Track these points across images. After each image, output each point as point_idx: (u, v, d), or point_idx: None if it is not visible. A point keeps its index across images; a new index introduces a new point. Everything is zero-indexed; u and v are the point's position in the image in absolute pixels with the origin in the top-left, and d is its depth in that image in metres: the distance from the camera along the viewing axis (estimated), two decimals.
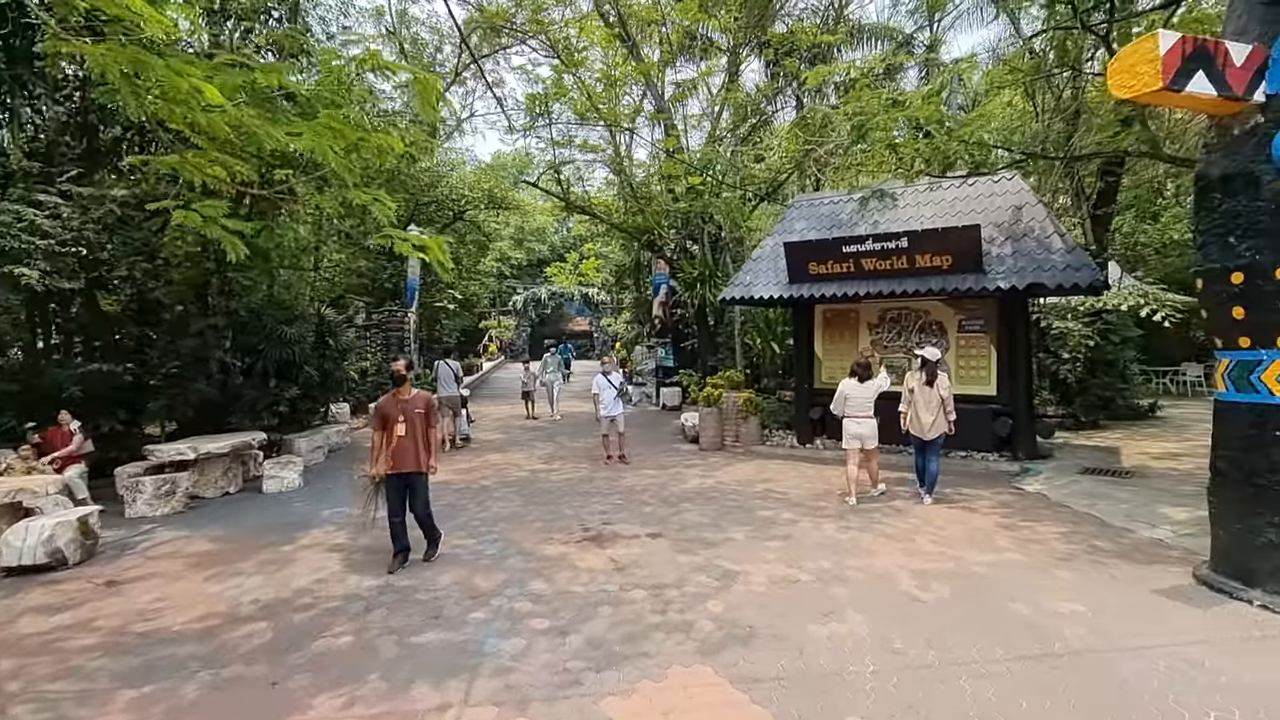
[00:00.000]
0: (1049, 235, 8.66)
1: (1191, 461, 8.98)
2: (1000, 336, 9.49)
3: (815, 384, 11.16)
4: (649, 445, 12.17)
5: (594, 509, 7.57)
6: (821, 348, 11.15)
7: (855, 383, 7.88)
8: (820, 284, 10.09)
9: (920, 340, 10.17)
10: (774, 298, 10.48)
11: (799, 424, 11.26)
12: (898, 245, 9.19)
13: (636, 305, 21.31)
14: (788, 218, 11.64)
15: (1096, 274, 8.02)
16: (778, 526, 6.67)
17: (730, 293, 11.12)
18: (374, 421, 5.52)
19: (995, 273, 8.72)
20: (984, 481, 8.55)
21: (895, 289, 9.34)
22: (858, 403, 7.81)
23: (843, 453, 8.19)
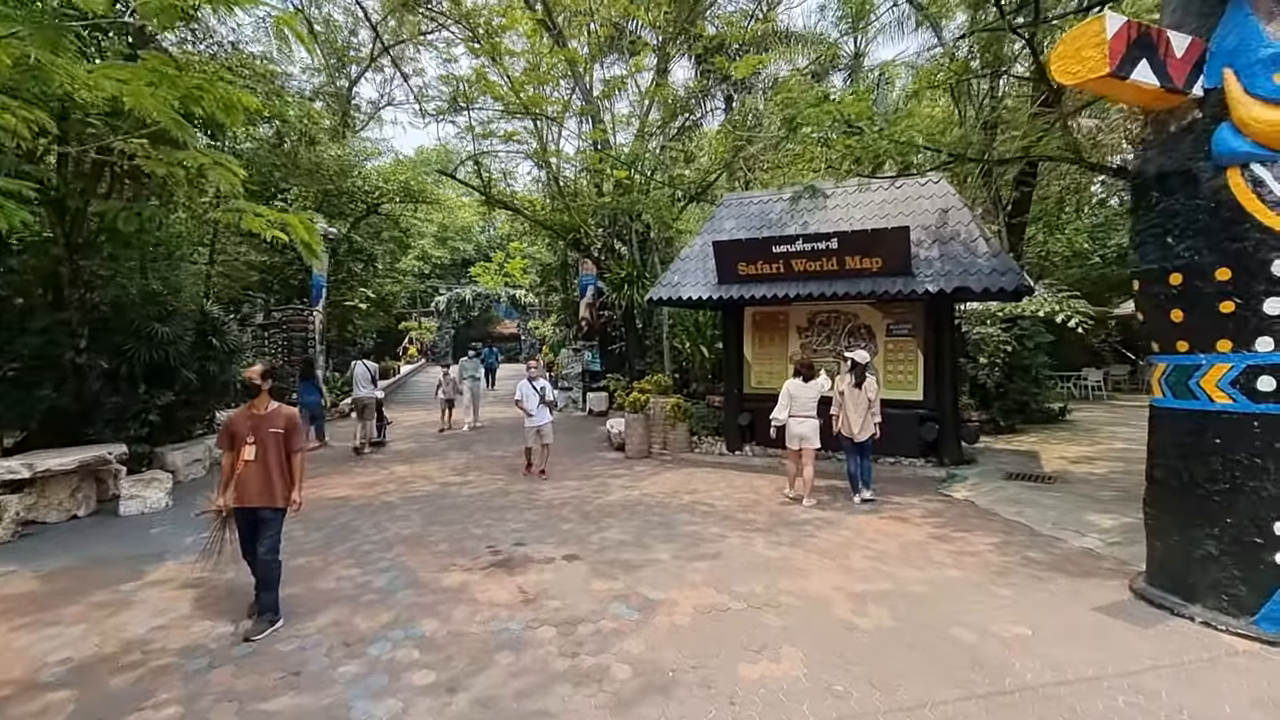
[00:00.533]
0: (975, 239, 8.61)
1: (1106, 465, 9.13)
2: (927, 341, 9.40)
3: (744, 389, 10.82)
4: (573, 453, 11.51)
5: (507, 527, 6.85)
6: (751, 351, 10.82)
7: (800, 382, 7.88)
8: (750, 285, 9.74)
9: (849, 344, 9.99)
10: (702, 299, 10.06)
11: (728, 430, 10.88)
12: (828, 246, 8.93)
13: (564, 307, 20.58)
14: (716, 216, 11.27)
15: (1020, 279, 7.99)
16: (706, 543, 6.16)
17: (657, 293, 10.63)
18: (220, 440, 4.56)
19: (923, 276, 8.59)
20: (912, 488, 8.37)
21: (825, 291, 9.08)
22: (801, 402, 7.83)
23: (771, 460, 8.04)
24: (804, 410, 7.81)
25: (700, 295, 10.07)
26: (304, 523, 7.12)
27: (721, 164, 14.10)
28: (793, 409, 7.86)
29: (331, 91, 23.38)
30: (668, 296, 10.41)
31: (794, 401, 7.86)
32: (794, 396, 7.87)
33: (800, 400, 7.85)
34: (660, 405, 11.33)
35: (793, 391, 7.87)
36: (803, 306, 10.28)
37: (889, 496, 7.95)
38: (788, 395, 7.90)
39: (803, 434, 7.76)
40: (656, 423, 11.33)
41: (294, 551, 6.14)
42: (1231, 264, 4.07)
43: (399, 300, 25.83)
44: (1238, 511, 4.10)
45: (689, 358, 16.34)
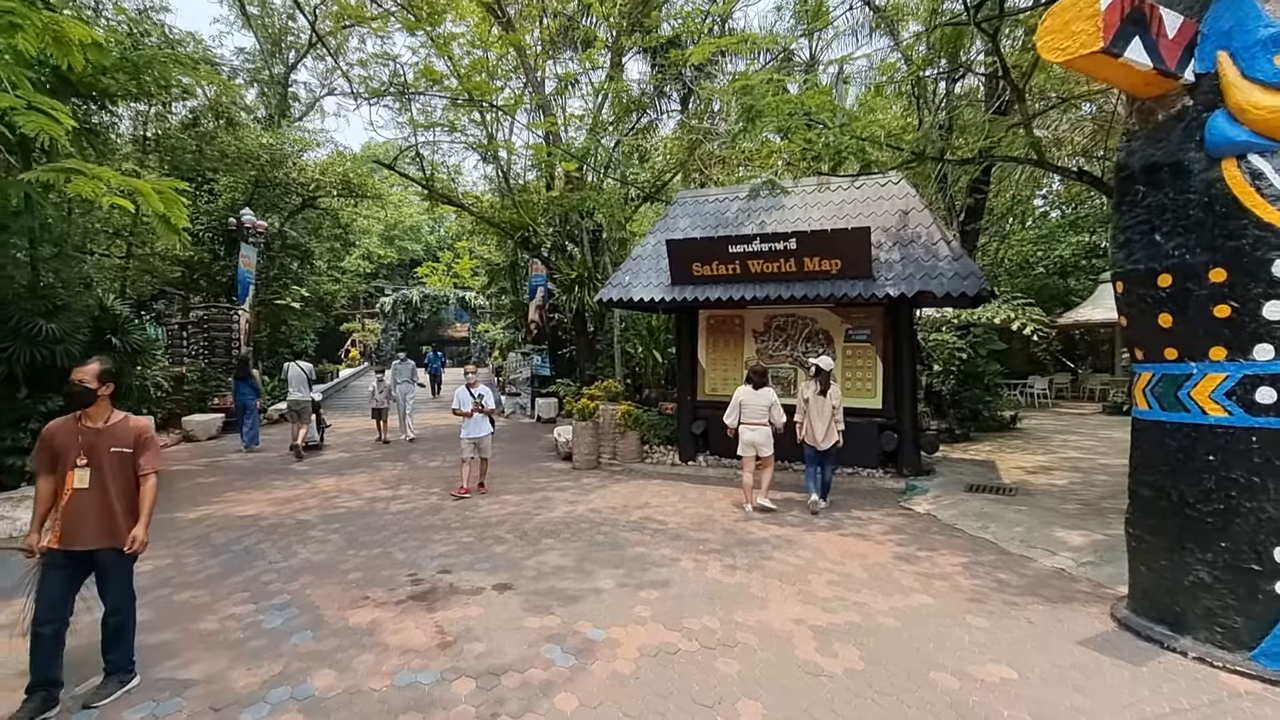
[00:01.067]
0: (936, 242, 8.31)
1: (1064, 476, 8.94)
2: (887, 347, 9.08)
3: (698, 396, 10.31)
4: (517, 464, 10.79)
5: (434, 550, 6.12)
6: (705, 356, 10.32)
7: (750, 390, 7.70)
8: (704, 286, 9.23)
9: (807, 349, 9.60)
10: (654, 300, 9.51)
11: (681, 439, 10.34)
12: (786, 247, 8.50)
13: (514, 310, 19.77)
14: (670, 215, 10.76)
15: (982, 283, 7.71)
16: (655, 568, 5.57)
17: (608, 293, 10.03)
18: (36, 458, 3.52)
19: (884, 279, 8.24)
20: (872, 501, 7.99)
21: (783, 294, 8.64)
22: (752, 410, 7.62)
23: (726, 470, 7.75)
24: (755, 418, 7.59)
25: (652, 297, 9.53)
26: (200, 548, 6.25)
27: (677, 163, 13.62)
28: (744, 416, 7.63)
29: (266, 79, 22.06)
30: (618, 298, 9.83)
31: (744, 409, 7.64)
32: (744, 404, 7.64)
33: (750, 408, 7.61)
34: (610, 412, 10.73)
35: (743, 399, 7.66)
36: (759, 310, 9.85)
37: (849, 510, 7.54)
38: (738, 403, 7.69)
39: (754, 441, 7.56)
40: (606, 431, 10.72)
41: (180, 584, 5.31)
42: (1227, 264, 3.72)
43: (339, 300, 24.48)
44: (1233, 535, 3.75)
45: (641, 363, 15.80)
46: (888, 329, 9.06)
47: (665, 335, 16.10)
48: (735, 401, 7.67)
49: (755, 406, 7.58)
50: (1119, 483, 8.35)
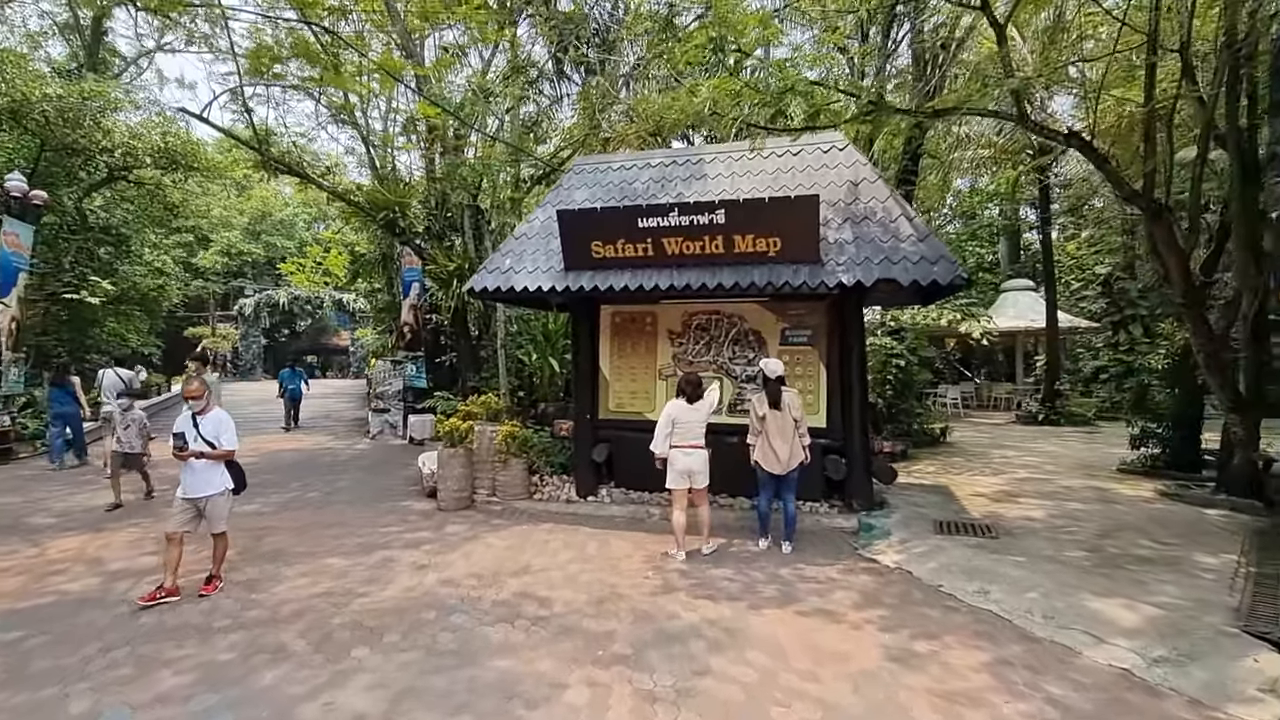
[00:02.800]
0: (895, 219, 6.67)
1: (1036, 505, 7.53)
2: (831, 351, 7.36)
3: (600, 413, 8.20)
4: (365, 503, 8.25)
5: (149, 687, 3.62)
6: (609, 364, 8.23)
7: (684, 404, 6.03)
8: (607, 273, 7.15)
9: (735, 355, 7.73)
10: (543, 290, 7.30)
11: (578, 468, 8.18)
12: (712, 220, 6.58)
13: (387, 310, 16.89)
14: (564, 185, 8.61)
15: (956, 269, 6.11)
16: (525, 711, 3.38)
17: (483, 281, 7.70)
18: None
19: (835, 264, 6.48)
20: (823, 547, 6.19)
21: (707, 282, 6.71)
22: (688, 428, 5.97)
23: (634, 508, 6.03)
24: (692, 438, 5.95)
25: (540, 285, 7.32)
26: None
27: (580, 135, 11.52)
28: (677, 437, 5.94)
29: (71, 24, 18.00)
30: (496, 286, 7.53)
31: (678, 429, 5.94)
32: (678, 422, 5.94)
33: (686, 426, 5.95)
34: (489, 435, 8.41)
35: (676, 416, 5.96)
36: (675, 305, 7.90)
37: (798, 563, 5.67)
38: (670, 421, 5.95)
39: (692, 468, 5.92)
40: (484, 460, 8.39)
41: None
42: None
43: (168, 297, 20.43)
44: None
45: (537, 372, 13.52)
46: (833, 328, 7.36)
47: (564, 339, 13.90)
48: (665, 420, 5.95)
49: (691, 424, 5.92)
50: (1105, 514, 7.16)
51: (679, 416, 5.84)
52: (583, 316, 8.15)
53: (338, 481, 9.77)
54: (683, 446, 5.83)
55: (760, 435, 5.97)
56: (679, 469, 5.85)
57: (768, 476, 6.03)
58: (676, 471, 5.86)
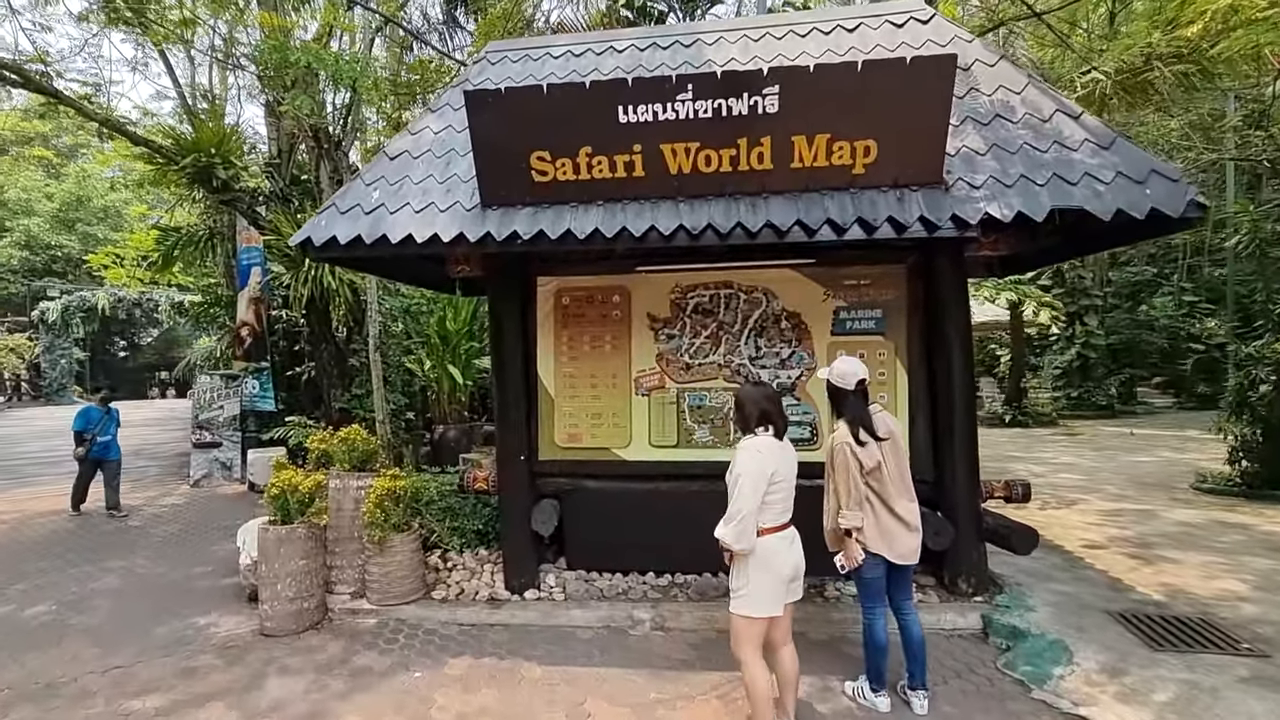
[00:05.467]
0: (1048, 116, 4.02)
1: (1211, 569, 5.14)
2: (915, 344, 4.66)
3: (542, 451, 5.06)
4: (134, 627, 4.73)
5: None
6: (554, 371, 5.11)
7: (773, 441, 2.95)
8: (558, 211, 4.03)
9: (760, 351, 4.86)
10: (439, 239, 4.02)
11: (510, 542, 4.98)
12: (755, 106, 3.64)
13: (217, 304, 12.63)
14: (473, 80, 5.31)
15: (1187, 190, 3.52)
16: None
17: (328, 227, 4.23)
18: None
19: (966, 188, 3.74)
20: (967, 690, 3.42)
21: (747, 223, 3.76)
22: (785, 491, 2.95)
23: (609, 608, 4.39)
24: (787, 511, 2.96)
25: (434, 234, 4.04)
26: None
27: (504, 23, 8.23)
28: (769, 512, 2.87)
29: None
30: (352, 237, 4.15)
31: (773, 492, 2.86)
32: (776, 479, 2.86)
33: (784, 487, 2.92)
34: (354, 495, 5.05)
35: (775, 468, 2.85)
36: (661, 274, 4.93)
37: None
38: (764, 477, 2.82)
39: (799, 569, 2.99)
40: (346, 535, 5.03)
41: None
42: None
43: None
44: None
45: (432, 385, 10.10)
46: (917, 306, 4.66)
47: (470, 343, 10.55)
48: (758, 473, 2.81)
49: (788, 481, 2.95)
50: None
51: (778, 468, 2.83)
52: (508, 296, 4.96)
53: (101, 577, 5.97)
54: (779, 529, 2.86)
55: (869, 500, 3.12)
56: (784, 573, 2.86)
57: (884, 573, 3.20)
58: (776, 578, 2.85)
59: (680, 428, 4.94)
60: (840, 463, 3.04)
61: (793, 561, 2.87)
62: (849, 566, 3.09)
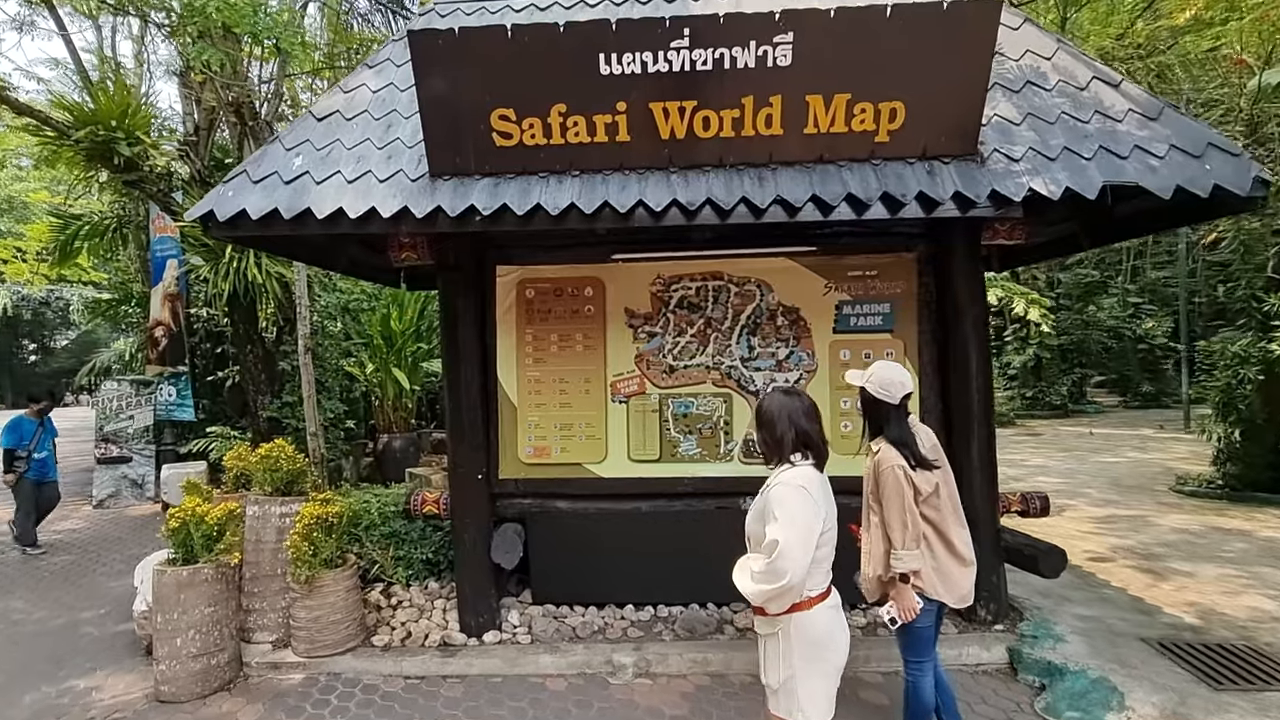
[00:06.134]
0: (1086, 84, 3.57)
1: (1230, 583, 4.81)
2: (926, 343, 4.16)
3: (503, 469, 4.36)
4: None
5: None
6: (516, 375, 4.41)
7: (814, 472, 2.15)
8: (523, 182, 3.34)
9: (754, 351, 4.28)
10: (378, 214, 3.27)
11: (465, 575, 4.26)
12: (764, 58, 3.04)
13: (125, 301, 11.36)
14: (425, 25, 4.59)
15: (1250, 167, 3.10)
16: None
17: (236, 198, 3.39)
18: None
19: (1004, 161, 3.23)
20: None
21: (754, 197, 3.16)
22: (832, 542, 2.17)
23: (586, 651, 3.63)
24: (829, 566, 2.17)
25: (371, 209, 3.30)
26: None
27: None
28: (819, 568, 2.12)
29: None
30: (267, 210, 3.34)
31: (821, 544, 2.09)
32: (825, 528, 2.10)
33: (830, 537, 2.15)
34: (276, 524, 4.25)
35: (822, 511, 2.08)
36: (641, 262, 4.30)
37: None
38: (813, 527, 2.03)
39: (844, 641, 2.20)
40: (267, 573, 4.22)
41: None
42: None
43: None
44: None
45: (375, 391, 9.22)
46: (927, 301, 4.17)
47: (420, 344, 9.69)
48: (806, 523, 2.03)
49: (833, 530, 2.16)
50: None
51: (828, 514, 2.14)
52: (461, 289, 4.24)
53: None
54: (826, 596, 2.15)
55: (926, 536, 2.55)
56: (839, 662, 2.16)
57: (935, 620, 2.65)
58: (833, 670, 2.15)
59: (663, 439, 4.32)
60: (892, 490, 2.47)
61: (846, 642, 2.19)
62: (905, 619, 2.52)
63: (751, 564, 2.09)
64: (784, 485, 2.07)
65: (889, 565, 2.51)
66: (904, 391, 2.57)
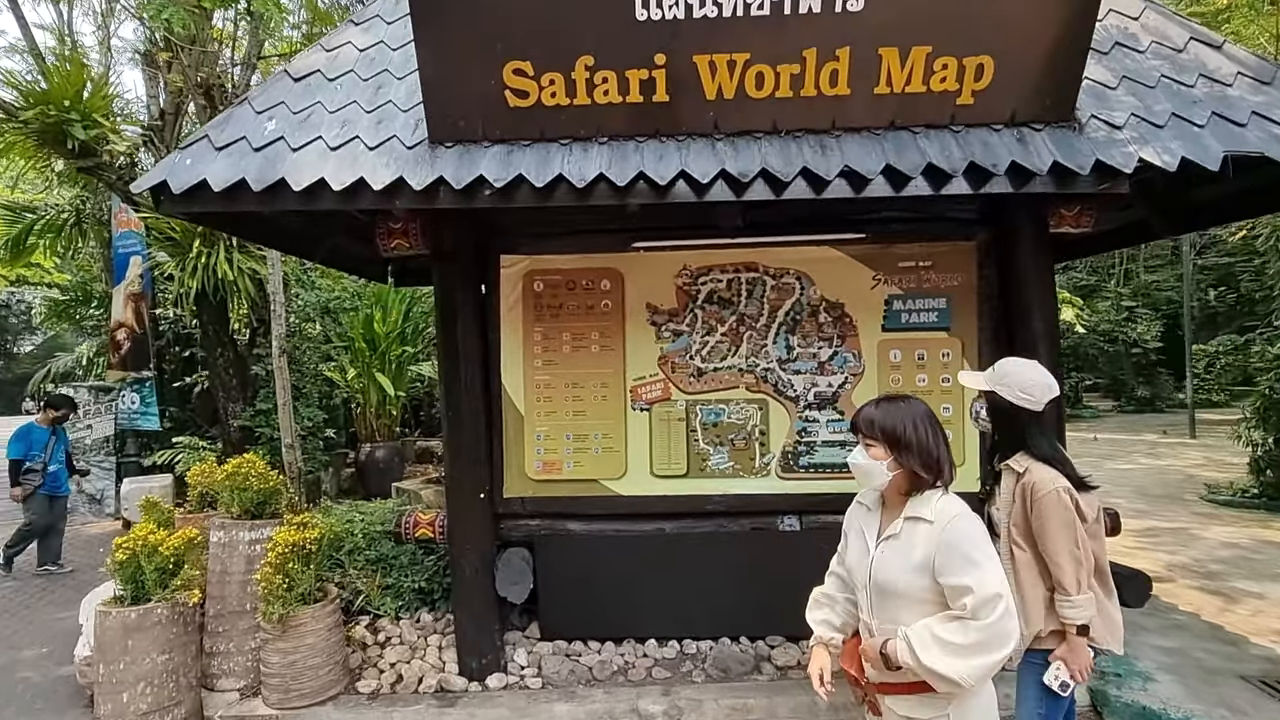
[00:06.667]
0: (1183, 46, 3.14)
1: None
2: (986, 343, 3.71)
3: (508, 487, 3.83)
4: None
5: None
6: (523, 378, 3.87)
7: None
8: (542, 152, 2.83)
9: (792, 352, 3.80)
10: (367, 185, 2.73)
11: (464, 608, 3.71)
12: (832, 3, 2.56)
13: (85, 302, 10.63)
14: None
15: None
16: None
17: (192, 169, 2.81)
18: None
19: (1103, 129, 2.78)
20: None
21: (817, 167, 2.67)
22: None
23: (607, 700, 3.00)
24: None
25: (359, 179, 2.76)
26: None
27: None
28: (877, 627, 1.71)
29: None
30: (233, 180, 2.77)
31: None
32: None
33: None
34: (246, 551, 3.68)
35: None
36: (662, 252, 3.80)
37: None
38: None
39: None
40: (234, 610, 3.64)
41: None
42: None
43: None
44: None
45: (357, 398, 8.64)
46: (988, 296, 3.72)
47: (406, 346, 9.11)
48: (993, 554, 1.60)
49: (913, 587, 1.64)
50: None
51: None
52: (461, 281, 3.71)
53: None
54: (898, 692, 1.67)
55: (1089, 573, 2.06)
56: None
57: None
58: None
59: (690, 452, 3.81)
60: (1059, 520, 1.96)
61: None
62: (1081, 681, 2.03)
63: (943, 632, 1.51)
64: (965, 519, 1.57)
65: (1052, 615, 2.01)
66: (1050, 395, 2.08)
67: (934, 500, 1.63)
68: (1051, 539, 1.97)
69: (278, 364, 5.77)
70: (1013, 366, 2.14)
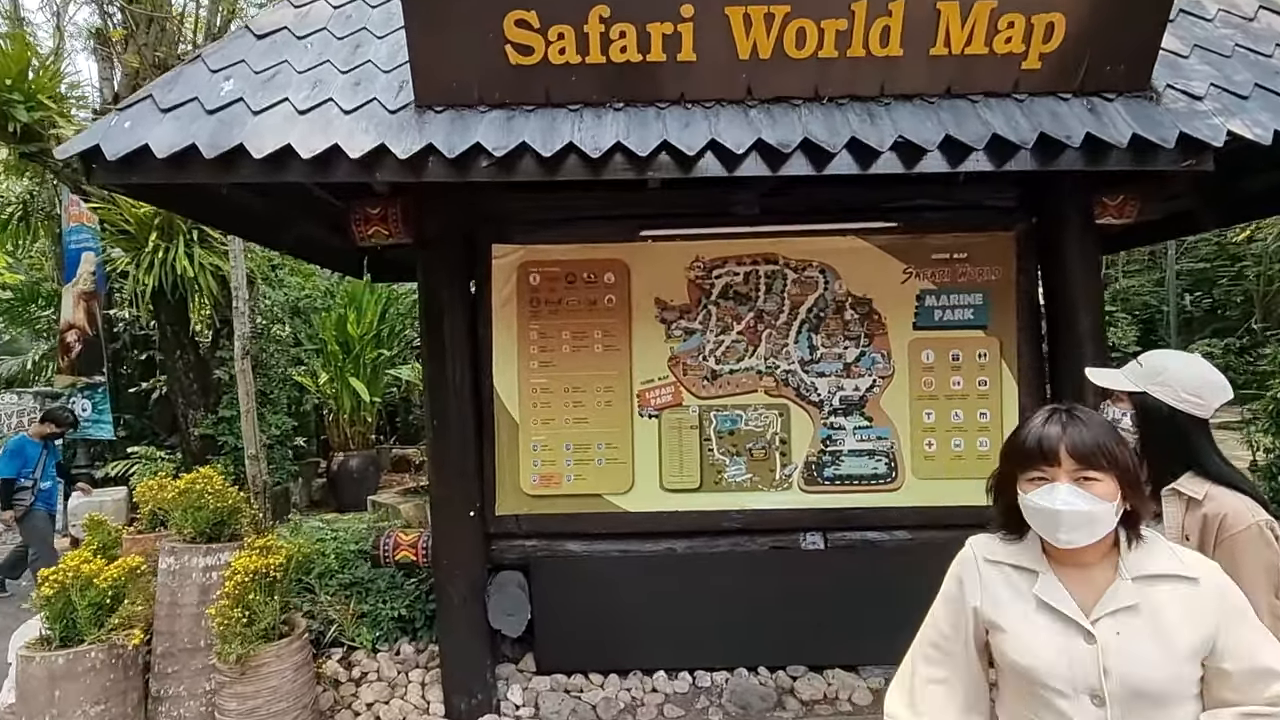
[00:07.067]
0: (1252, 14, 2.87)
1: None
2: (1026, 342, 3.41)
3: (500, 505, 3.42)
4: None
5: None
6: (517, 381, 3.47)
7: None
8: (547, 118, 2.44)
9: (814, 353, 3.46)
10: (343, 154, 2.33)
11: (451, 638, 3.29)
12: None
13: (31, 300, 9.96)
14: None
15: None
16: None
17: (131, 132, 2.35)
18: None
19: (1181, 98, 2.48)
20: None
21: (865, 137, 2.32)
22: None
23: None
24: None
25: (326, 148, 2.35)
26: None
27: None
28: None
29: None
30: (181, 146, 2.34)
31: None
32: None
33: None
34: (201, 580, 3.21)
35: None
36: (672, 242, 3.43)
37: None
38: None
39: None
40: (185, 647, 3.17)
41: None
42: None
43: None
44: None
45: (328, 404, 8.15)
46: (1027, 290, 3.42)
47: (383, 350, 8.63)
48: None
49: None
50: None
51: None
52: (449, 273, 3.30)
53: None
54: None
55: None
56: None
57: None
58: None
59: (704, 463, 3.45)
60: (1258, 563, 1.50)
61: None
62: None
63: None
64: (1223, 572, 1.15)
65: None
66: (1225, 397, 1.60)
67: (1161, 547, 1.16)
68: (1247, 586, 1.49)
69: (240, 367, 5.29)
70: (1171, 361, 1.67)
